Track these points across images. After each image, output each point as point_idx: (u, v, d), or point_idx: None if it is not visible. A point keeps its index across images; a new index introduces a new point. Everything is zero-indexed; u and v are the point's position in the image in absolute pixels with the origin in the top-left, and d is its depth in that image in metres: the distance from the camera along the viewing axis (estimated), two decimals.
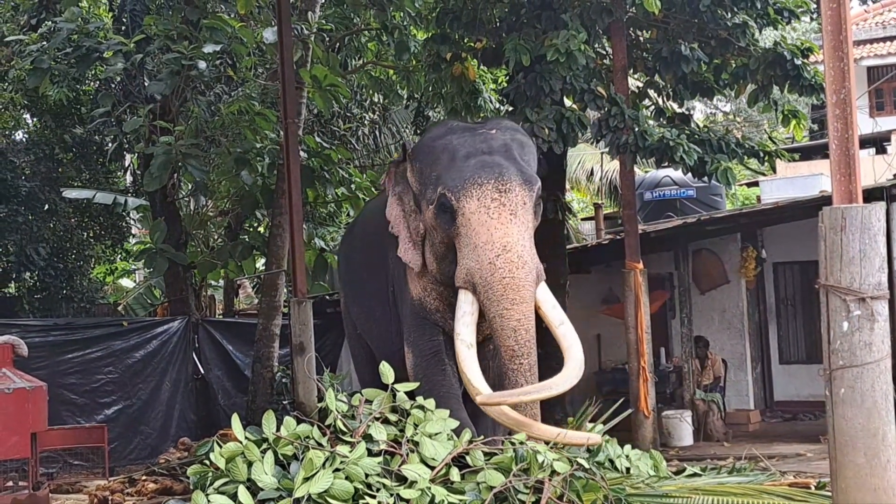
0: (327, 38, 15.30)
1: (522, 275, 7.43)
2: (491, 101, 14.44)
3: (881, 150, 21.19)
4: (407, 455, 6.29)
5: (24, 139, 18.21)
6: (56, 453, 12.09)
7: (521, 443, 6.51)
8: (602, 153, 20.98)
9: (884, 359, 4.96)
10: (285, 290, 14.60)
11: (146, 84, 14.58)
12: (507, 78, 12.65)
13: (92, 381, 13.50)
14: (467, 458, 6.42)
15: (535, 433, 6.93)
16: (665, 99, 13.30)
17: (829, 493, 5.32)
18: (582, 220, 22.40)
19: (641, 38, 13.03)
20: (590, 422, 7.71)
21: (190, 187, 16.26)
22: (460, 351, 7.40)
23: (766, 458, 9.19)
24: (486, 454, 6.49)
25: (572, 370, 7.26)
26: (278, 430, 6.28)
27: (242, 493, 5.75)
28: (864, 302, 4.95)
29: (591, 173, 24.98)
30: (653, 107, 13.51)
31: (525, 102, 11.27)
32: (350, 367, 13.86)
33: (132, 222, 19.24)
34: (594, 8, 11.66)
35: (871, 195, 10.77)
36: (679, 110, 13.26)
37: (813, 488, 6.75)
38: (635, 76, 14.35)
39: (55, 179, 16.72)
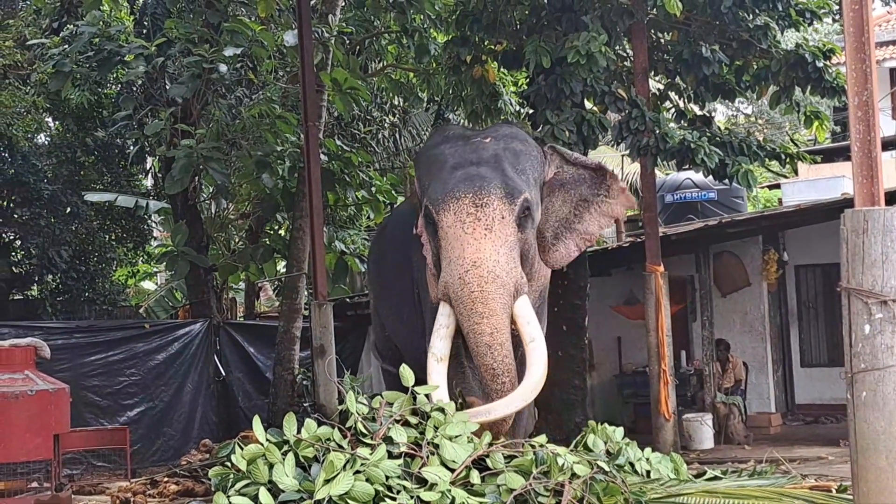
0: (347, 41, 15.33)
1: (492, 289, 7.34)
2: (511, 104, 14.44)
3: None
4: (427, 457, 6.29)
5: (46, 142, 18.33)
6: (79, 455, 12.16)
7: (542, 445, 6.50)
8: (623, 155, 20.91)
9: None
10: (306, 293, 14.63)
11: (167, 87, 14.64)
12: (528, 80, 12.66)
13: (115, 383, 13.58)
14: (487, 460, 6.42)
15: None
16: (686, 101, 13.27)
17: (851, 497, 5.29)
18: None
19: (662, 41, 13.00)
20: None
21: (211, 190, 16.32)
22: (430, 364, 7.39)
23: (786, 461, 9.16)
24: (506, 457, 6.49)
25: (522, 392, 7.24)
26: (299, 432, 6.30)
27: (263, 494, 5.76)
28: (886, 305, 4.93)
29: None
30: (674, 109, 13.48)
31: (545, 105, 11.27)
32: (370, 369, 13.89)
33: (154, 225, 19.33)
34: (615, 10, 11.65)
35: (893, 198, 10.72)
36: (700, 112, 13.23)
37: (834, 491, 6.72)
38: (656, 78, 14.33)
39: (77, 182, 16.81)
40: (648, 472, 7.45)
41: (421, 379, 7.21)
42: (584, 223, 8.42)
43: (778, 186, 21.47)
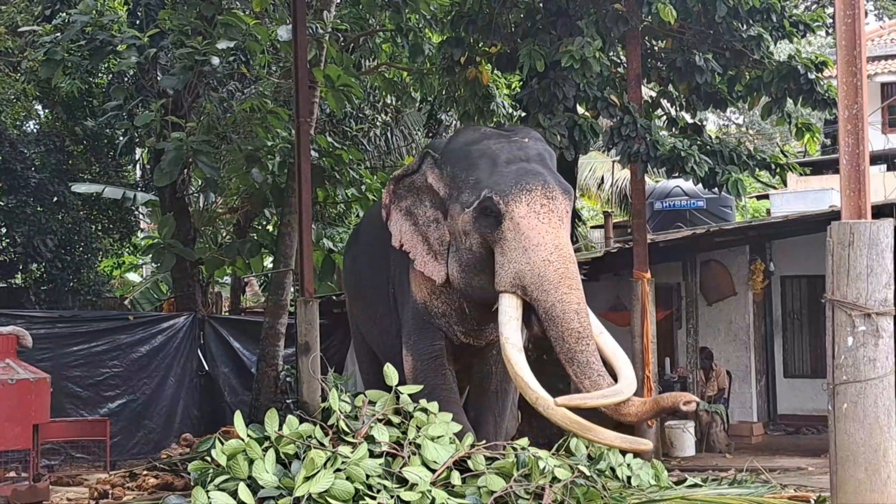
0: (342, 38, 15.31)
1: (575, 270, 7.45)
2: (504, 107, 14.44)
3: (893, 167, 21.19)
4: (409, 457, 6.30)
5: (34, 130, 18.26)
6: (59, 445, 12.11)
7: (524, 448, 6.51)
8: (613, 161, 20.94)
9: (887, 375, 4.96)
10: (292, 290, 14.61)
11: (159, 78, 14.59)
12: (521, 83, 12.65)
13: (96, 374, 13.51)
14: (469, 462, 6.43)
15: (600, 438, 6.86)
16: (678, 109, 13.29)
17: None
18: (591, 227, 22.37)
19: (656, 48, 13.02)
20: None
21: (200, 183, 16.28)
22: (512, 355, 7.22)
23: (767, 470, 9.17)
24: (487, 459, 6.49)
25: (630, 376, 7.24)
26: (281, 428, 6.30)
27: (243, 490, 5.75)
28: (870, 318, 4.95)
29: (602, 181, 24.96)
30: (665, 117, 13.50)
31: (538, 108, 11.27)
32: (355, 367, 13.88)
33: (141, 216, 19.28)
34: (610, 16, 11.65)
35: (880, 211, 10.76)
36: (691, 121, 13.26)
37: (813, 502, 6.74)
38: (649, 86, 14.35)
39: (65, 172, 16.75)
40: (629, 478, 7.48)
41: (399, 380, 7.20)
42: None
43: (766, 197, 21.53)
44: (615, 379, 7.18)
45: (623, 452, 7.58)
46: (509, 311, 7.47)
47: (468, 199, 7.80)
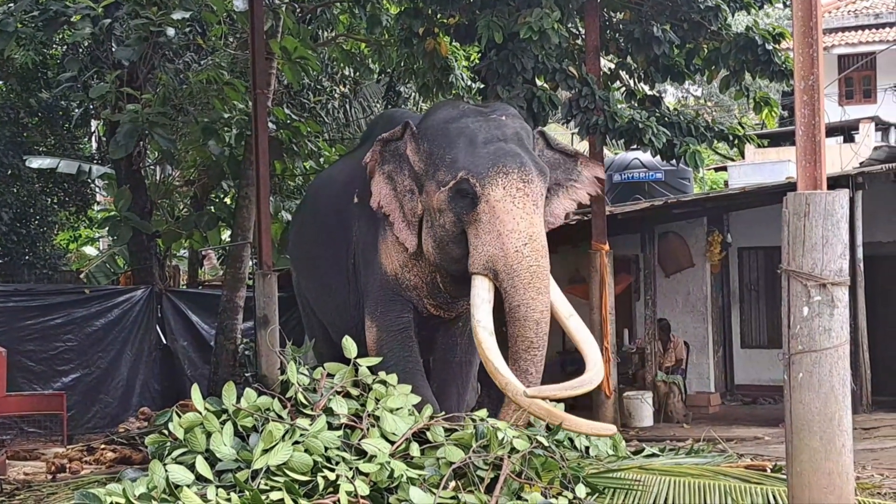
0: (298, 10, 15.17)
1: (545, 264, 7.49)
2: (463, 78, 14.38)
3: (849, 139, 21.37)
4: (367, 429, 6.30)
5: None
6: (11, 420, 11.97)
7: (482, 419, 6.52)
8: (572, 134, 20.94)
9: (842, 345, 4.99)
10: (250, 263, 14.54)
11: (114, 50, 14.41)
12: (480, 55, 12.61)
13: (50, 348, 13.38)
14: (427, 433, 6.44)
15: (569, 425, 6.96)
16: (636, 81, 13.32)
17: (785, 476, 5.36)
18: None
19: (614, 20, 13.03)
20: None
21: (156, 156, 16.14)
22: (484, 339, 7.28)
23: (724, 440, 9.28)
24: (446, 430, 6.50)
25: (598, 362, 7.31)
26: (239, 401, 6.27)
27: (200, 463, 5.73)
28: (825, 288, 4.98)
29: None
30: (624, 89, 13.52)
31: (497, 80, 11.25)
32: (312, 341, 13.86)
33: (97, 189, 19.08)
34: None
35: (836, 183, 10.85)
36: (650, 93, 13.29)
37: (769, 471, 6.81)
38: (607, 57, 14.36)
39: (20, 144, 16.52)
40: (587, 448, 7.54)
41: (362, 352, 7.19)
42: (552, 206, 8.42)
43: (724, 169, 21.68)
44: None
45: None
46: (482, 294, 7.52)
47: (444, 177, 7.76)
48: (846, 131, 21.61)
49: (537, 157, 7.94)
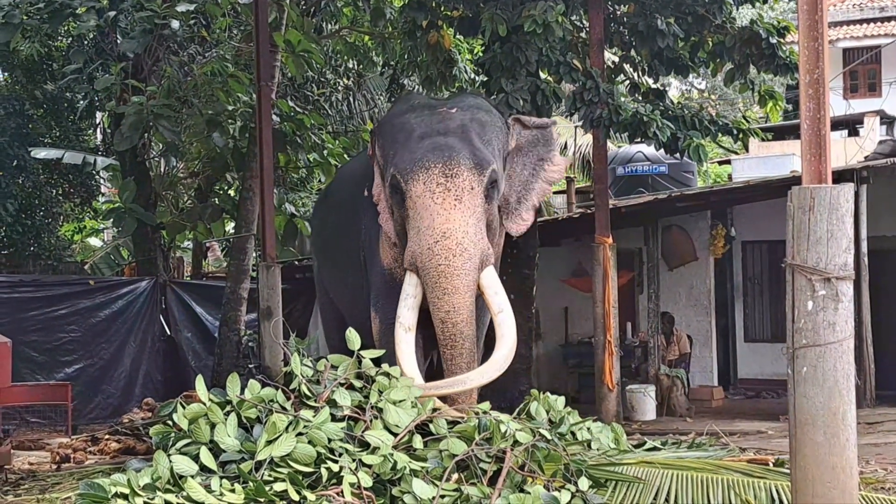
0: (302, 2, 15.17)
1: (459, 263, 7.42)
2: (466, 71, 14.38)
3: (854, 133, 21.29)
4: (370, 421, 6.30)
5: None
6: (14, 410, 12.00)
7: (485, 412, 6.53)
8: (576, 127, 20.94)
9: (847, 339, 4.99)
10: (254, 255, 14.56)
11: (119, 42, 14.42)
12: (483, 48, 12.60)
13: (54, 339, 13.44)
14: (430, 426, 6.44)
15: (427, 393, 6.99)
16: (640, 74, 13.29)
17: (788, 471, 5.36)
18: (553, 193, 22.37)
19: (619, 12, 13.00)
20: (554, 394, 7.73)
21: (161, 148, 16.14)
22: (398, 334, 7.44)
23: (727, 434, 9.27)
24: (449, 423, 6.51)
25: (495, 362, 7.34)
26: (243, 392, 6.28)
27: (204, 454, 5.74)
28: (830, 282, 4.97)
29: (565, 147, 24.86)
30: (628, 82, 13.49)
31: (500, 73, 11.24)
32: (318, 332, 13.87)
33: (102, 181, 19.10)
34: None
35: (841, 177, 10.83)
36: (654, 86, 13.26)
37: (772, 465, 6.81)
38: (612, 50, 14.34)
39: (25, 136, 16.54)
40: (589, 442, 7.52)
41: (367, 343, 7.20)
42: (538, 181, 8.47)
43: (728, 162, 21.61)
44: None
45: (584, 416, 7.64)
46: (407, 289, 7.64)
47: (386, 173, 7.93)
48: (851, 125, 21.54)
49: (480, 149, 7.82)
